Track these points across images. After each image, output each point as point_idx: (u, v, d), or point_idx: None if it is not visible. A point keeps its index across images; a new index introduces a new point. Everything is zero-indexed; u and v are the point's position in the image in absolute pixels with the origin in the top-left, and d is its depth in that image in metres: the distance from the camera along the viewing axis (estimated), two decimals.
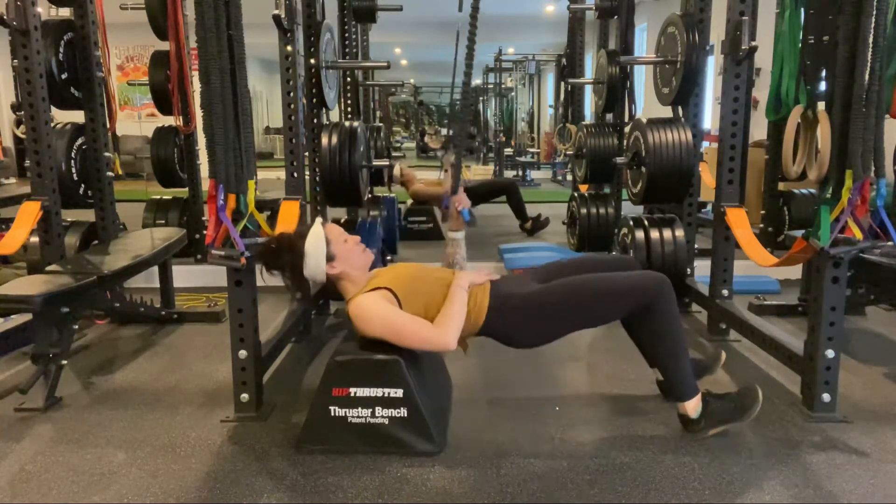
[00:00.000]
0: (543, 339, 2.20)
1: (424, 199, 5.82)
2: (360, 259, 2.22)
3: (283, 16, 2.79)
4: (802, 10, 2.44)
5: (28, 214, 3.05)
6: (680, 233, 3.40)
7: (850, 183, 2.09)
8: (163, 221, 4.46)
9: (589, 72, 5.95)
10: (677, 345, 2.13)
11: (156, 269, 3.40)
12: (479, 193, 5.96)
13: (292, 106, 2.97)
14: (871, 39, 2.00)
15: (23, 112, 3.04)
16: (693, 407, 2.14)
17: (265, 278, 2.22)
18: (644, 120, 3.38)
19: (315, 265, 2.15)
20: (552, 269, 2.34)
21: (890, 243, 2.14)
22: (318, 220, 2.24)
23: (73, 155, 3.46)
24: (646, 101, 6.49)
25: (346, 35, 4.58)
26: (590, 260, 2.42)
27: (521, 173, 10.59)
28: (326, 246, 2.16)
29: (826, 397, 2.30)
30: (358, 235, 2.27)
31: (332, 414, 2.08)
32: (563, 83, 7.60)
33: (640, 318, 2.12)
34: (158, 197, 4.64)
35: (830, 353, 2.26)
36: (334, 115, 3.93)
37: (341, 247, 2.19)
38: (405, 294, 2.10)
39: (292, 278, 2.20)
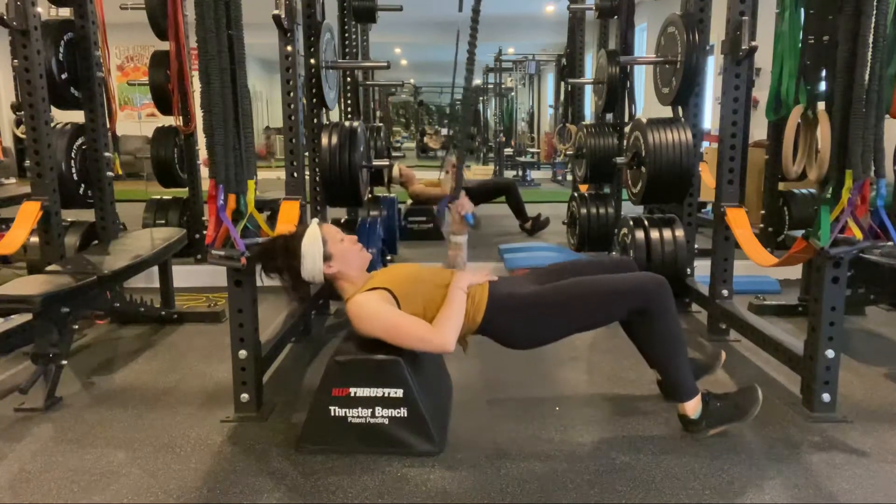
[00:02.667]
0: (542, 340, 2.20)
1: (425, 199, 5.82)
2: (358, 259, 2.22)
3: (283, 16, 2.79)
4: (802, 10, 2.44)
5: (28, 214, 3.05)
6: (680, 233, 3.40)
7: (850, 183, 2.09)
8: (163, 221, 4.46)
9: (589, 72, 5.95)
10: (676, 346, 2.12)
11: (156, 269, 3.40)
12: (479, 193, 5.94)
13: (292, 106, 2.97)
14: (871, 39, 2.00)
15: (23, 112, 3.04)
16: (693, 407, 2.14)
17: (264, 279, 2.22)
18: (644, 120, 3.38)
19: (312, 266, 2.15)
20: (553, 270, 2.34)
21: (890, 243, 2.14)
22: (314, 220, 2.23)
23: (73, 155, 3.45)
24: (646, 101, 6.48)
25: (346, 35, 4.58)
26: (590, 263, 2.41)
27: (521, 173, 10.58)
28: (323, 246, 2.15)
29: (826, 397, 2.30)
30: (355, 235, 2.27)
31: (332, 414, 2.08)
32: (563, 83, 7.60)
33: (639, 320, 2.12)
34: (158, 197, 4.64)
35: (830, 353, 2.26)
36: (334, 115, 3.92)
37: (338, 246, 2.18)
38: (403, 294, 2.10)
39: (290, 280, 2.19)
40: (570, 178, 7.46)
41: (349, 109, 4.61)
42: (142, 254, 3.16)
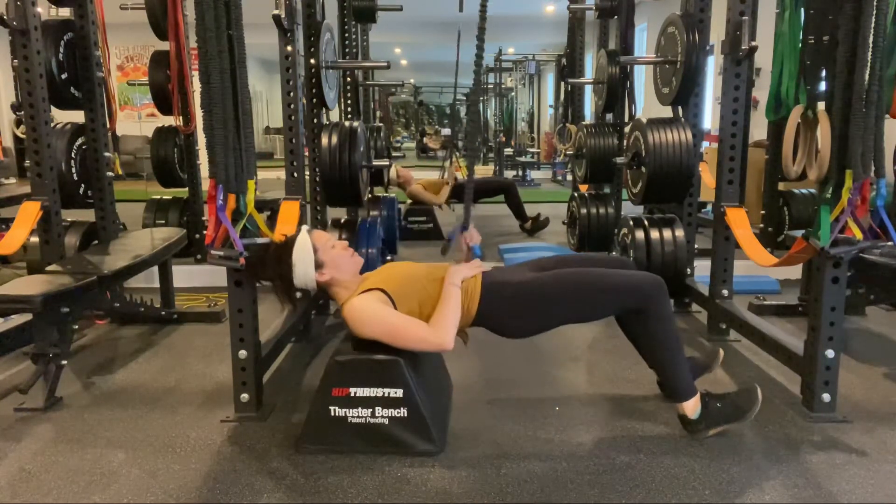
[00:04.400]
0: (536, 328, 2.20)
1: (421, 201, 5.82)
2: (350, 264, 2.20)
3: (283, 16, 2.79)
4: (802, 10, 2.44)
5: (28, 214, 3.05)
6: (680, 233, 3.40)
7: (850, 183, 2.09)
8: (163, 221, 4.46)
9: (589, 72, 5.95)
10: (672, 346, 2.13)
11: (156, 269, 3.40)
12: (479, 191, 5.91)
13: (292, 106, 2.97)
14: (871, 39, 2.00)
15: (23, 112, 3.04)
16: (692, 408, 2.14)
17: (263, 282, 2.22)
18: (644, 120, 3.38)
19: (304, 274, 2.14)
20: (552, 262, 2.34)
21: (890, 243, 2.14)
22: (304, 227, 2.21)
23: (73, 155, 3.46)
24: (646, 101, 6.48)
25: (346, 35, 4.58)
26: (590, 257, 2.41)
27: (521, 173, 10.59)
28: (314, 253, 2.14)
29: (826, 397, 2.30)
30: (346, 241, 2.25)
31: (332, 414, 2.08)
32: (563, 83, 7.60)
33: (635, 319, 2.12)
34: (158, 197, 4.64)
35: (830, 353, 2.26)
36: (334, 115, 3.92)
37: (329, 253, 2.17)
38: (398, 294, 2.10)
39: (283, 289, 2.18)
40: (570, 178, 7.46)
41: (349, 109, 4.61)
42: (142, 254, 3.16)
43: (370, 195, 5.00)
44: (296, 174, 3.04)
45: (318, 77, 3.38)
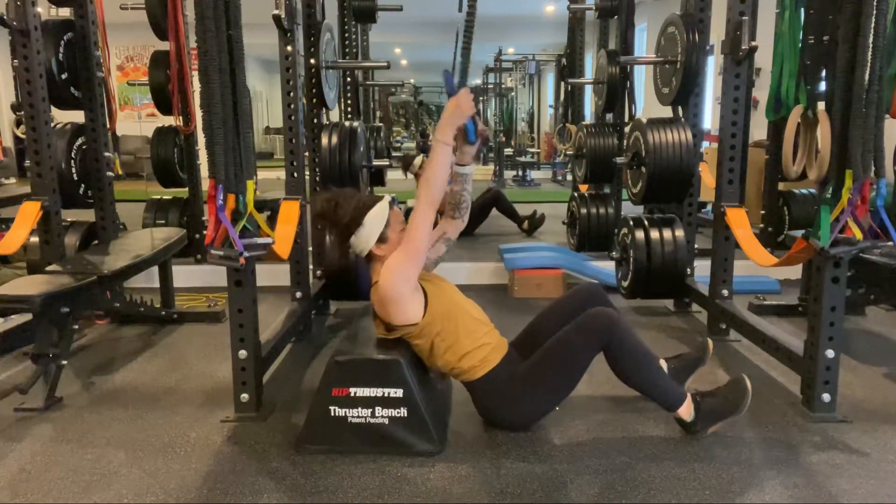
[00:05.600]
0: (530, 417, 2.23)
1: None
2: None
3: (283, 16, 2.79)
4: (802, 10, 2.44)
5: (28, 214, 3.05)
6: (680, 233, 3.40)
7: (850, 183, 2.09)
8: (163, 221, 4.46)
9: (589, 72, 5.95)
10: (644, 368, 2.13)
11: (156, 269, 3.40)
12: (472, 219, 5.93)
13: (292, 106, 2.97)
14: (871, 39, 2.00)
15: (23, 112, 3.04)
16: (686, 411, 2.14)
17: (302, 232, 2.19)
18: (644, 120, 3.38)
19: (365, 238, 2.13)
20: (527, 335, 2.36)
21: (890, 243, 2.14)
22: (388, 198, 2.21)
23: (73, 155, 3.46)
24: (646, 101, 6.48)
25: (346, 35, 4.59)
26: (555, 308, 2.39)
27: (520, 173, 10.58)
28: (385, 227, 2.14)
29: (826, 397, 2.30)
30: None
31: (332, 414, 2.09)
32: (563, 83, 7.60)
33: (605, 356, 2.13)
34: (158, 197, 4.64)
35: (830, 353, 2.26)
36: (334, 115, 3.92)
37: (397, 234, 2.17)
38: (433, 295, 2.12)
39: (337, 238, 2.19)
40: (570, 178, 7.45)
41: (349, 109, 4.61)
42: (142, 254, 3.16)
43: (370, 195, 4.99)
44: (296, 174, 3.04)
45: (318, 77, 3.38)
